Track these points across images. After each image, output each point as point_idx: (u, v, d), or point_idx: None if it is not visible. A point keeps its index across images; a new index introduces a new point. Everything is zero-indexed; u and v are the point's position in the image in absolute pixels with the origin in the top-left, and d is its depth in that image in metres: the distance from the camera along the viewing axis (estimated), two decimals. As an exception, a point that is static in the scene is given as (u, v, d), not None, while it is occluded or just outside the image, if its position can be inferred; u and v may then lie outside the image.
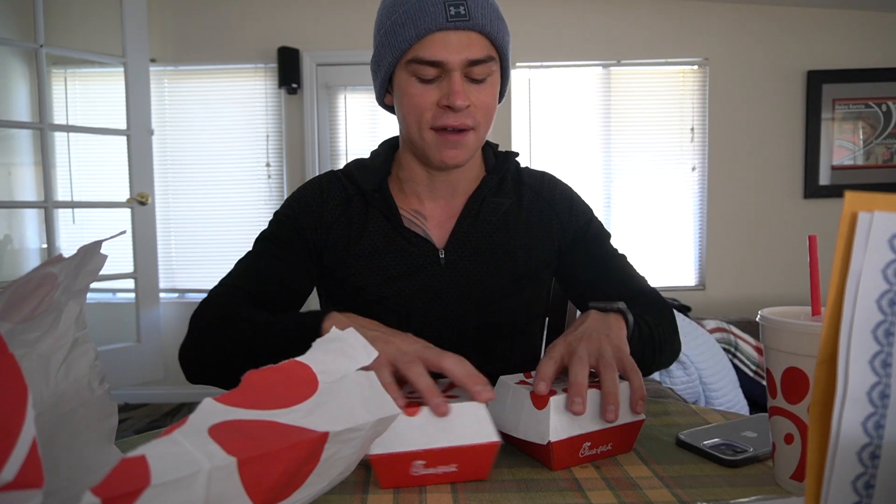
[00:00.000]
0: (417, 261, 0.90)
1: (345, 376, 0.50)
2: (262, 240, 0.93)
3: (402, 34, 0.80)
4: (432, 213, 0.93)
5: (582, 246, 0.97)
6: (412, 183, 0.93)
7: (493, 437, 0.55)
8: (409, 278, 0.90)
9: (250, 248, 0.93)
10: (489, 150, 0.98)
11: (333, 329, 0.53)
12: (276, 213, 0.95)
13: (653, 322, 0.81)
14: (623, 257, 0.97)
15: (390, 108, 0.91)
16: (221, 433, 0.38)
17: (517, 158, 1.01)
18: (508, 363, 0.93)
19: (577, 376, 0.57)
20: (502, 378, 0.66)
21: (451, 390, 0.62)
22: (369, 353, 0.53)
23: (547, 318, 1.16)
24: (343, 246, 0.92)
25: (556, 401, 0.57)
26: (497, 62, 0.83)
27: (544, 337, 1.15)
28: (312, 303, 0.94)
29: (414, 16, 0.78)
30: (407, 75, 0.82)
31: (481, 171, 0.96)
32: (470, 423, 0.55)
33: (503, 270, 0.91)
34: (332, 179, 0.96)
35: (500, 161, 0.97)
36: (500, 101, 0.92)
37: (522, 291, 0.93)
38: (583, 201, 1.01)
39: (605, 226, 1.01)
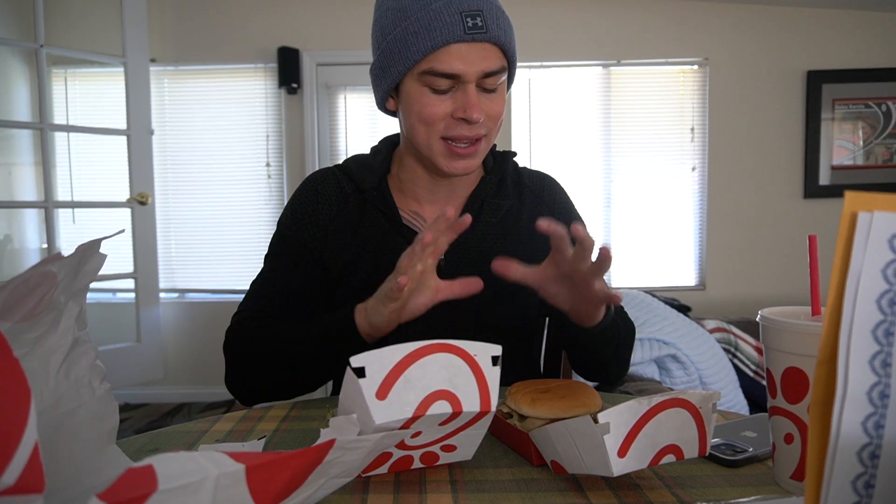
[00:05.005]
0: None
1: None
2: (269, 257, 0.95)
3: (415, 44, 0.77)
4: (431, 215, 0.92)
5: None
6: (412, 184, 0.92)
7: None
8: None
9: (262, 267, 0.95)
10: None
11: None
12: (278, 222, 0.96)
13: (619, 324, 0.88)
14: None
15: (392, 113, 0.90)
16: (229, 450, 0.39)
17: (514, 158, 1.00)
18: (508, 367, 0.92)
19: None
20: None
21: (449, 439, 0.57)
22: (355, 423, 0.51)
23: (547, 319, 1.15)
24: (339, 245, 0.91)
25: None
26: (505, 71, 0.83)
27: (544, 339, 1.14)
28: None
29: (429, 26, 0.76)
30: (419, 85, 0.80)
31: (479, 172, 0.95)
32: None
33: None
34: (327, 177, 0.95)
35: (498, 161, 0.96)
36: None
37: (521, 295, 0.90)
38: (577, 210, 1.01)
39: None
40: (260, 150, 3.35)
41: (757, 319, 0.54)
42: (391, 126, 2.78)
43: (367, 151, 0.98)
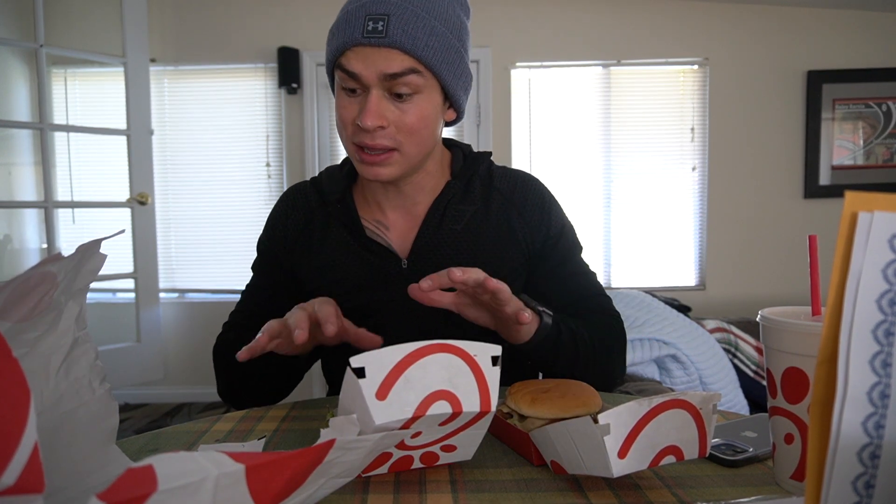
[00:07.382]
0: (379, 271, 0.89)
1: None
2: (252, 269, 0.99)
3: (332, 42, 0.79)
4: (394, 222, 0.91)
5: (550, 258, 0.93)
6: (371, 192, 0.92)
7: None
8: (372, 289, 0.89)
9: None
10: (458, 152, 0.94)
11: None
12: (259, 238, 0.99)
13: (585, 336, 0.83)
14: (591, 274, 0.95)
15: None
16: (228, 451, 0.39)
17: (491, 158, 0.98)
18: (508, 367, 0.92)
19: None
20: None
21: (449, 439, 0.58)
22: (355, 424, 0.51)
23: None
24: (307, 259, 0.92)
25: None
26: (428, 77, 0.79)
27: None
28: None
29: (343, 26, 0.77)
30: (337, 84, 0.81)
31: (445, 177, 0.92)
32: None
33: None
34: (299, 191, 0.97)
35: (468, 164, 0.93)
36: (458, 118, 0.88)
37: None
38: (558, 207, 0.96)
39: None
40: (260, 150, 3.35)
41: (757, 319, 0.54)
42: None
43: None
